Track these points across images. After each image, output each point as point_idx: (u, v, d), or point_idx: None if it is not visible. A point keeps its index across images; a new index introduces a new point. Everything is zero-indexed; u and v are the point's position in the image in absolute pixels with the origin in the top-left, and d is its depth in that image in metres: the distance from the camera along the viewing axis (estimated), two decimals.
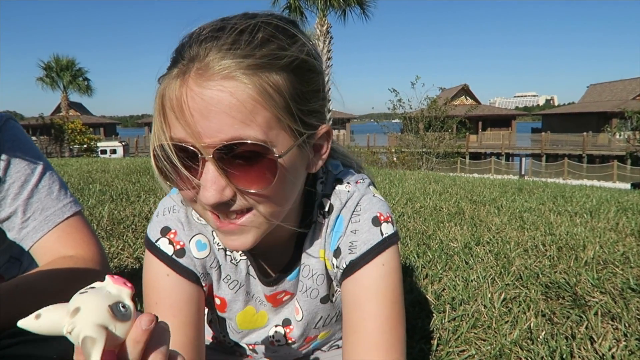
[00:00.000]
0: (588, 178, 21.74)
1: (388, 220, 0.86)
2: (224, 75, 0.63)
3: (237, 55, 0.64)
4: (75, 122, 28.29)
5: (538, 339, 1.72)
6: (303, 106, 0.70)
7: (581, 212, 4.10)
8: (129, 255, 2.65)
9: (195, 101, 0.64)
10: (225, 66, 0.63)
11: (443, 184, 6.17)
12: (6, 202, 1.11)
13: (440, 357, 1.64)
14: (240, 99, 0.63)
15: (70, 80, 35.60)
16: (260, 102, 0.64)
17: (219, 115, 0.63)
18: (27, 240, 1.12)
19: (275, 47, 0.66)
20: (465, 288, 2.22)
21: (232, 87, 0.63)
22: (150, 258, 0.86)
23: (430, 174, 9.05)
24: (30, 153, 1.15)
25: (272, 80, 0.65)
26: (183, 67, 0.66)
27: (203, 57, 0.65)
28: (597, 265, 2.49)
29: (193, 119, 0.64)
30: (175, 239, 0.86)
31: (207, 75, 0.64)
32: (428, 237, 3.18)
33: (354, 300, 0.83)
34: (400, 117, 21.56)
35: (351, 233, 0.85)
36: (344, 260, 0.85)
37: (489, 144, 39.31)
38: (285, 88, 0.67)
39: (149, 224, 0.89)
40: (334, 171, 0.91)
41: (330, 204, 0.88)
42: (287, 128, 0.69)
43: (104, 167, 7.12)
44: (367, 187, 0.90)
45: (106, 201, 4.07)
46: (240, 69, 0.64)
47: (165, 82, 0.68)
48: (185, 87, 0.65)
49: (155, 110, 0.70)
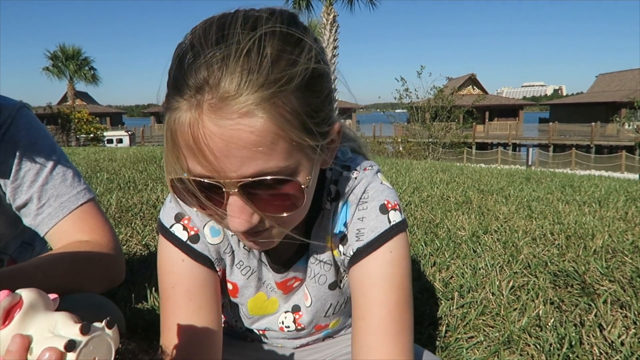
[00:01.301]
0: (596, 169, 21.57)
1: (396, 207, 0.85)
2: (242, 112, 0.59)
3: (252, 84, 0.59)
4: (82, 112, 28.37)
5: (547, 326, 1.72)
6: (317, 118, 0.68)
7: (590, 202, 4.07)
8: (137, 242, 2.66)
9: (214, 141, 0.60)
10: (242, 102, 0.59)
11: (450, 173, 6.15)
12: (22, 190, 1.13)
13: (449, 343, 1.65)
14: (260, 135, 0.61)
15: (76, 69, 35.64)
16: (279, 132, 0.62)
17: (240, 152, 0.61)
18: (42, 227, 1.14)
19: (285, 64, 0.62)
20: (473, 276, 2.21)
21: (252, 124, 0.60)
22: (165, 243, 0.86)
23: (437, 163, 9.01)
24: (44, 141, 1.16)
25: (288, 106, 0.62)
26: (193, 99, 0.61)
27: (215, 87, 0.60)
28: (606, 254, 2.47)
29: (214, 158, 0.61)
30: (190, 224, 0.86)
31: (223, 113, 0.60)
32: (435, 226, 3.17)
33: (362, 287, 0.83)
34: (407, 107, 21.43)
35: (358, 220, 0.85)
36: (351, 248, 0.84)
37: (496, 134, 39.04)
38: (300, 107, 0.64)
39: (162, 209, 0.89)
40: (342, 157, 0.90)
41: (337, 190, 0.87)
42: (307, 146, 0.67)
43: (111, 156, 7.15)
44: (375, 174, 0.89)
45: (114, 189, 4.09)
46: (257, 102, 0.60)
47: (175, 115, 0.63)
48: (202, 127, 0.60)
49: (166, 143, 0.66)
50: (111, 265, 1.15)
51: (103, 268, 1.13)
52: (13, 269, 1.01)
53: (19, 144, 1.11)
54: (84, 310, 0.97)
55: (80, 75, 36.02)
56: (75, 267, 1.06)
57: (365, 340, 0.81)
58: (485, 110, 41.46)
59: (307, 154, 0.68)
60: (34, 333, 0.51)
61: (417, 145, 20.16)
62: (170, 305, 0.85)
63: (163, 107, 0.67)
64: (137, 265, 2.29)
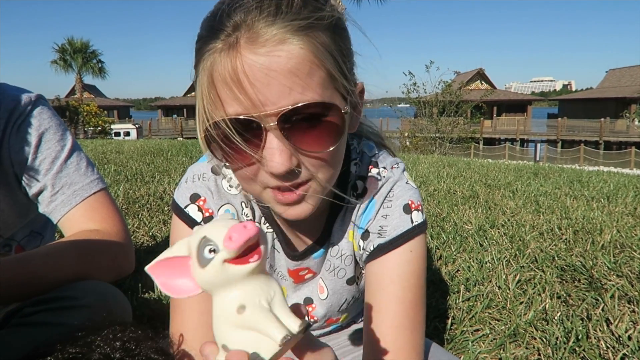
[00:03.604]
0: (605, 165, 21.37)
1: (419, 208, 0.87)
2: (278, 40, 0.62)
3: (285, 19, 0.63)
4: (91, 105, 28.55)
5: (553, 319, 1.71)
6: (346, 63, 0.70)
7: (598, 197, 4.04)
8: (144, 233, 2.68)
9: (253, 70, 0.62)
10: (277, 31, 0.62)
11: (457, 168, 6.12)
12: (38, 178, 1.15)
13: (455, 335, 1.65)
14: (297, 62, 0.63)
15: (83, 62, 35.78)
16: (314, 62, 0.64)
17: (279, 80, 0.62)
18: (55, 213, 1.16)
19: (314, 8, 0.66)
20: (480, 269, 2.21)
21: (288, 51, 0.62)
22: (178, 223, 0.87)
23: (444, 158, 8.97)
24: (60, 131, 1.19)
25: (321, 40, 0.65)
26: (229, 39, 0.63)
27: (251, 24, 0.63)
28: (614, 249, 2.45)
29: (253, 89, 0.63)
30: (205, 206, 0.86)
31: (260, 42, 0.62)
32: (442, 220, 3.16)
33: (379, 282, 0.84)
34: (414, 102, 21.29)
35: (382, 217, 0.86)
36: (371, 243, 0.86)
37: (504, 130, 38.73)
38: (332, 46, 0.66)
39: (177, 189, 0.90)
40: (369, 153, 0.91)
41: (364, 186, 0.88)
42: (340, 86, 0.68)
43: (119, 149, 7.19)
44: (402, 173, 0.90)
45: (121, 181, 4.11)
46: (291, 32, 0.63)
47: (211, 58, 0.65)
48: (239, 58, 0.62)
49: (202, 89, 0.67)
50: (120, 254, 1.16)
51: (112, 257, 1.14)
52: (24, 256, 1.02)
53: (35, 134, 1.13)
54: (91, 297, 0.98)
55: (87, 68, 36.19)
56: (85, 256, 1.07)
57: (380, 334, 0.82)
58: (493, 105, 41.18)
59: (339, 96, 0.69)
60: (251, 292, 0.47)
61: (424, 140, 20.06)
62: None
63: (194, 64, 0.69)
64: (144, 255, 2.31)
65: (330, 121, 0.67)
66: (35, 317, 0.95)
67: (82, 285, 1.01)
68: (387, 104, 23.99)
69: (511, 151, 27.25)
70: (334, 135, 0.69)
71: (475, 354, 1.53)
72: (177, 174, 4.59)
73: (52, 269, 1.01)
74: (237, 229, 0.45)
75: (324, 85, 0.65)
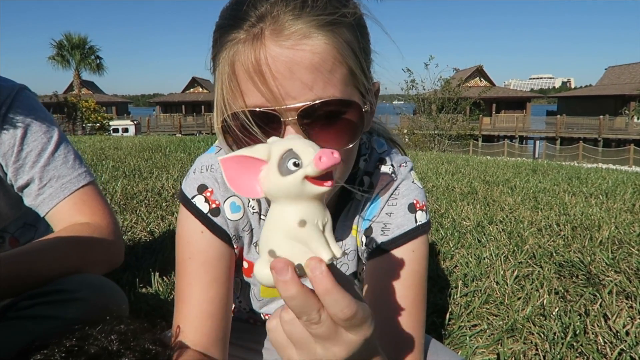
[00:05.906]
0: (603, 162, 21.37)
1: (423, 208, 0.87)
2: (303, 34, 0.62)
3: (310, 14, 0.63)
4: (90, 101, 28.47)
5: (551, 315, 1.71)
6: (366, 61, 0.70)
7: (596, 194, 4.04)
8: (142, 228, 2.67)
9: (276, 62, 0.62)
10: (302, 25, 0.62)
11: (455, 165, 6.12)
12: (24, 170, 1.13)
13: (452, 330, 1.65)
14: (321, 57, 0.62)
15: (81, 58, 35.64)
16: (337, 58, 0.64)
17: (301, 74, 0.62)
18: (43, 207, 1.14)
19: (338, 4, 0.65)
20: (478, 265, 2.21)
21: (312, 45, 0.62)
22: (185, 214, 0.87)
23: (442, 154, 8.98)
24: (46, 122, 1.16)
25: (344, 36, 0.65)
26: (253, 29, 0.63)
27: (277, 16, 0.62)
28: (612, 245, 2.46)
29: (275, 81, 0.62)
30: (212, 197, 0.86)
31: (285, 34, 0.62)
32: (440, 216, 3.16)
33: (381, 279, 0.84)
34: (413, 99, 21.25)
35: (386, 215, 0.86)
36: (374, 241, 0.86)
37: (503, 127, 38.72)
38: (354, 43, 0.66)
39: (185, 179, 0.89)
40: (378, 150, 0.91)
41: (370, 182, 0.88)
42: (360, 84, 0.68)
43: (117, 145, 7.17)
44: (409, 172, 0.90)
45: (119, 177, 4.10)
46: (316, 27, 0.63)
47: (235, 48, 0.65)
48: (263, 50, 0.62)
49: (222, 79, 0.67)
50: (111, 248, 1.16)
51: (103, 251, 1.14)
52: (18, 252, 1.01)
53: (20, 125, 1.11)
54: (87, 291, 0.98)
55: (85, 64, 36.06)
56: (77, 250, 1.07)
57: (379, 332, 0.81)
58: (492, 102, 41.14)
59: (359, 95, 0.69)
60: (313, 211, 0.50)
61: (423, 137, 20.04)
62: (186, 275, 0.85)
63: (213, 54, 0.68)
64: (142, 251, 2.30)
65: (349, 119, 0.67)
66: (31, 311, 0.95)
67: (77, 278, 1.01)
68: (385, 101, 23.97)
69: (510, 148, 27.24)
70: (352, 133, 0.69)
71: (473, 349, 1.53)
72: (176, 170, 4.58)
73: (48, 263, 1.01)
74: (326, 153, 0.47)
75: (345, 82, 0.65)
